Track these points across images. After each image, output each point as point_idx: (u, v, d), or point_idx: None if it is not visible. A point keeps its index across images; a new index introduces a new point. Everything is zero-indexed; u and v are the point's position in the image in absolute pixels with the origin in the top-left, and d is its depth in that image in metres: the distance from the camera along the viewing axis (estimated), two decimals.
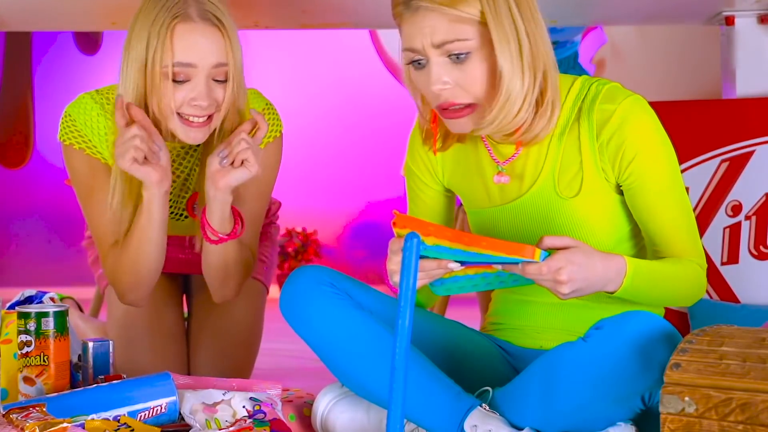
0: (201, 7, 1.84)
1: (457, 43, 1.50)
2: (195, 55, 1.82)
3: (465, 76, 1.52)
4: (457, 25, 1.50)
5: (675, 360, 1.27)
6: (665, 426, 1.25)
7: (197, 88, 1.83)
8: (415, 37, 1.52)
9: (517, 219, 1.64)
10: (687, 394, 1.23)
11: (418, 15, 1.51)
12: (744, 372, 1.22)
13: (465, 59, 1.51)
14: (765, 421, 1.19)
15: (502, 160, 1.65)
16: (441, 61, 1.52)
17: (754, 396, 1.20)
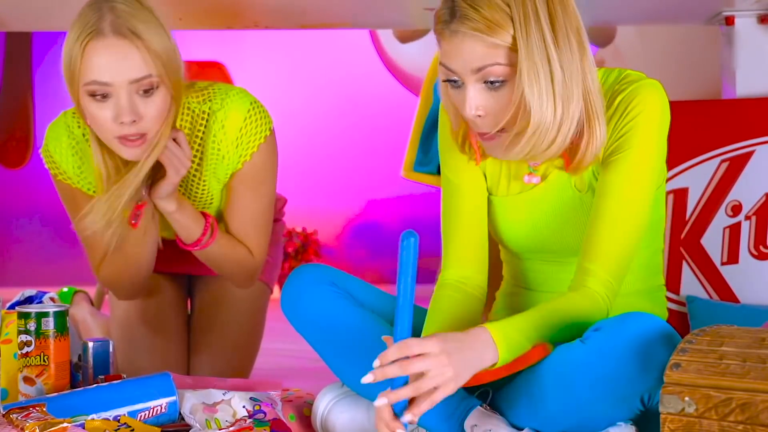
0: (115, 20, 1.77)
1: (495, 68, 1.47)
2: (108, 73, 1.76)
3: (496, 103, 1.49)
4: (495, 51, 1.47)
5: (675, 360, 1.27)
6: (665, 426, 1.24)
7: (118, 104, 1.77)
8: (453, 58, 1.49)
9: (532, 206, 1.64)
10: (687, 394, 1.23)
11: (458, 38, 1.47)
12: (744, 372, 1.22)
13: (500, 86, 1.48)
14: (765, 421, 1.19)
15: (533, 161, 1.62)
16: (478, 87, 1.49)
17: (754, 396, 1.19)
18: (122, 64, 1.76)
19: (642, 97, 1.52)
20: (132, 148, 1.81)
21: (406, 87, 5.14)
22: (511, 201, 1.66)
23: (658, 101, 1.53)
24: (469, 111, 1.49)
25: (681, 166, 2.26)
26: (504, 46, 1.46)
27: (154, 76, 1.78)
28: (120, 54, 1.76)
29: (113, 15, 1.77)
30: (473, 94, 1.49)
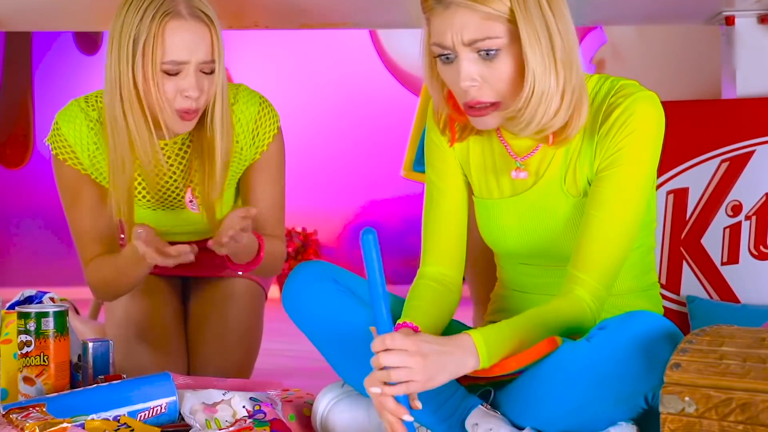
0: (190, 3, 1.89)
1: (488, 41, 1.49)
2: (186, 52, 1.87)
3: (493, 73, 1.51)
4: (487, 23, 1.48)
5: (675, 360, 1.27)
6: (665, 426, 1.24)
7: (187, 79, 1.88)
8: (445, 32, 1.51)
9: (523, 211, 1.64)
10: (687, 394, 1.23)
11: (450, 11, 1.49)
12: (744, 372, 1.22)
13: (494, 56, 1.50)
14: (765, 421, 1.19)
15: (520, 156, 1.64)
16: (471, 57, 1.50)
17: (754, 396, 1.19)
18: (199, 45, 1.88)
19: (639, 113, 1.52)
20: (187, 121, 1.92)
21: (406, 87, 5.14)
22: (502, 205, 1.65)
23: (655, 116, 1.54)
24: (464, 81, 1.50)
25: (681, 166, 2.26)
26: (499, 16, 1.48)
27: (217, 62, 1.91)
28: (198, 35, 1.88)
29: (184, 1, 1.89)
30: (466, 65, 1.50)
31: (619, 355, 1.39)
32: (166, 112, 1.91)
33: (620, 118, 1.53)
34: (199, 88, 1.89)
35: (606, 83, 1.58)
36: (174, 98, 1.89)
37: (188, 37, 1.87)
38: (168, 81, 1.88)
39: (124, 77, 1.89)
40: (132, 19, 1.87)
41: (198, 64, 1.88)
